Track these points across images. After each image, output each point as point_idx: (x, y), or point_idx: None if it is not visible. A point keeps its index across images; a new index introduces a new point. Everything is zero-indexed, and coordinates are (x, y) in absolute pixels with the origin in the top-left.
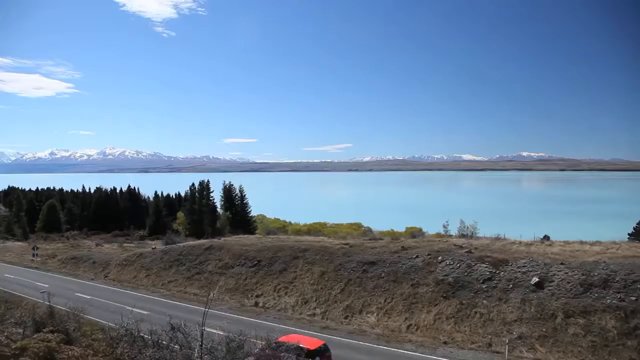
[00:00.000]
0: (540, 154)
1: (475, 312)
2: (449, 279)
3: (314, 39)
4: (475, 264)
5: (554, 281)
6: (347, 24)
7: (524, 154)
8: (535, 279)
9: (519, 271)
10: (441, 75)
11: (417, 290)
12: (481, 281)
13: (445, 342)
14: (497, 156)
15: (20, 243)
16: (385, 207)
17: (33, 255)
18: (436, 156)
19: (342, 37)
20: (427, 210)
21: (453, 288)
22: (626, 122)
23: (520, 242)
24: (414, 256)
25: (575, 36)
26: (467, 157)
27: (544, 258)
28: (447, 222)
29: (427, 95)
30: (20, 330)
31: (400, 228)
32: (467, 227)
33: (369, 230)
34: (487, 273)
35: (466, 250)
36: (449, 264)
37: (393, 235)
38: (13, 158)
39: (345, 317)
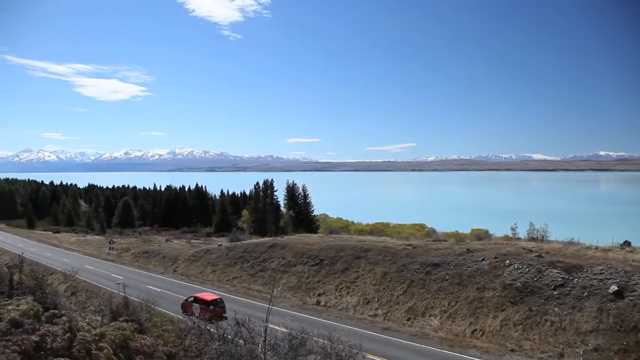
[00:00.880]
0: (620, 153)
1: (546, 320)
2: (516, 284)
3: (374, 40)
4: (546, 269)
5: (635, 291)
6: (405, 24)
7: (602, 153)
8: (614, 288)
9: (595, 278)
10: (509, 72)
11: (483, 295)
12: (552, 287)
13: (512, 350)
14: (571, 155)
15: (98, 237)
16: (449, 208)
17: (109, 248)
18: (504, 156)
19: (403, 37)
20: (494, 212)
21: (521, 293)
22: None
23: (596, 248)
24: (480, 259)
25: None
26: (537, 156)
27: (624, 265)
28: (515, 224)
29: (495, 93)
30: (99, 318)
31: (465, 230)
32: (537, 230)
33: (433, 231)
34: (559, 279)
35: (536, 254)
36: (517, 268)
37: (458, 237)
38: (92, 158)
39: (408, 319)
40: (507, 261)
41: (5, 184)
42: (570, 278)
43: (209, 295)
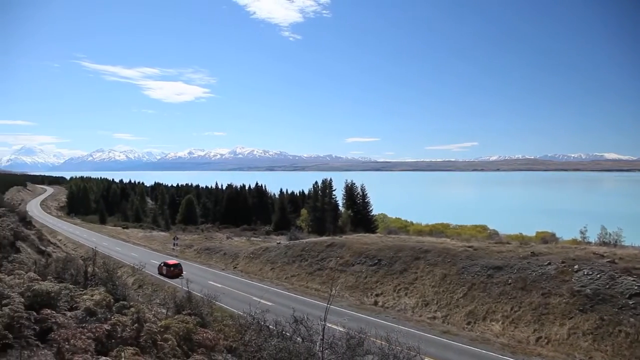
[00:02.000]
0: None
1: (620, 331)
2: (586, 291)
3: (434, 40)
4: (620, 275)
5: None
6: (465, 25)
7: None
8: None
9: None
10: (578, 66)
11: (549, 301)
12: (627, 296)
13: None
14: None
15: (163, 233)
16: (513, 210)
17: (173, 244)
18: (572, 155)
19: (463, 38)
20: (561, 214)
21: (591, 301)
22: None
23: None
24: (546, 263)
25: None
26: (610, 155)
27: None
28: (584, 227)
29: (563, 89)
30: (164, 311)
31: (529, 232)
32: (610, 235)
33: (495, 233)
34: (636, 287)
35: (608, 260)
36: (587, 274)
37: (522, 240)
38: (158, 157)
39: (468, 323)
40: (576, 266)
41: (80, 182)
42: None
43: (172, 261)
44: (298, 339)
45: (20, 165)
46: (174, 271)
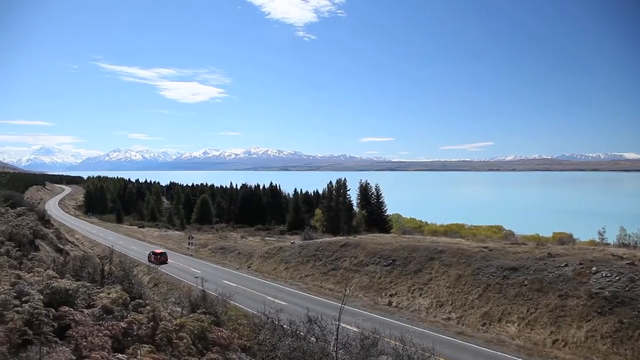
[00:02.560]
0: None
1: None
2: (604, 293)
3: (448, 40)
4: None
5: None
6: (479, 25)
7: None
8: None
9: None
10: (596, 65)
11: (566, 303)
12: None
13: None
14: None
15: (178, 232)
16: (529, 210)
17: (189, 244)
18: (591, 155)
19: (477, 38)
20: (579, 215)
21: (610, 304)
22: None
23: None
24: (563, 264)
25: None
26: (630, 155)
27: None
28: (603, 228)
29: (580, 88)
30: (179, 309)
31: (546, 233)
32: (629, 236)
33: (511, 233)
34: None
35: (628, 261)
36: (606, 276)
37: (538, 241)
38: (174, 157)
39: (483, 325)
40: (594, 268)
41: (97, 182)
42: None
43: (159, 250)
44: (312, 338)
45: (40, 165)
46: (160, 258)
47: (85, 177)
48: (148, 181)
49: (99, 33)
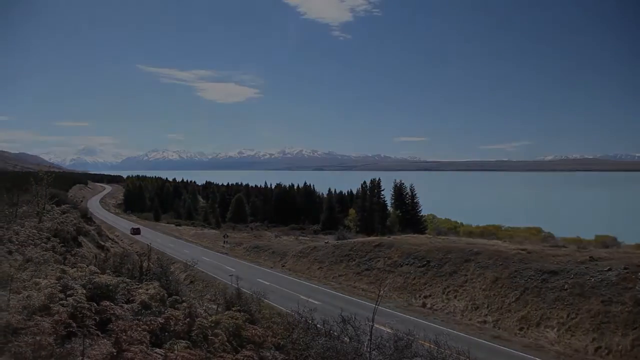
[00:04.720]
0: None
1: None
2: None
3: (486, 40)
4: None
5: None
6: (512, 24)
7: None
8: None
9: None
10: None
11: (610, 309)
12: None
13: None
14: None
15: (213, 231)
16: (570, 212)
17: (224, 242)
18: (637, 155)
19: (514, 38)
20: (624, 217)
21: None
22: None
23: None
24: (606, 269)
25: None
26: None
27: None
28: None
29: (624, 83)
30: (214, 306)
31: (588, 236)
32: None
33: (550, 236)
34: None
35: None
36: None
37: (579, 244)
38: (210, 157)
39: (520, 329)
40: None
41: (136, 181)
42: None
43: (136, 226)
44: (345, 338)
45: (83, 164)
46: (137, 231)
47: (124, 176)
48: (185, 180)
49: (138, 36)
